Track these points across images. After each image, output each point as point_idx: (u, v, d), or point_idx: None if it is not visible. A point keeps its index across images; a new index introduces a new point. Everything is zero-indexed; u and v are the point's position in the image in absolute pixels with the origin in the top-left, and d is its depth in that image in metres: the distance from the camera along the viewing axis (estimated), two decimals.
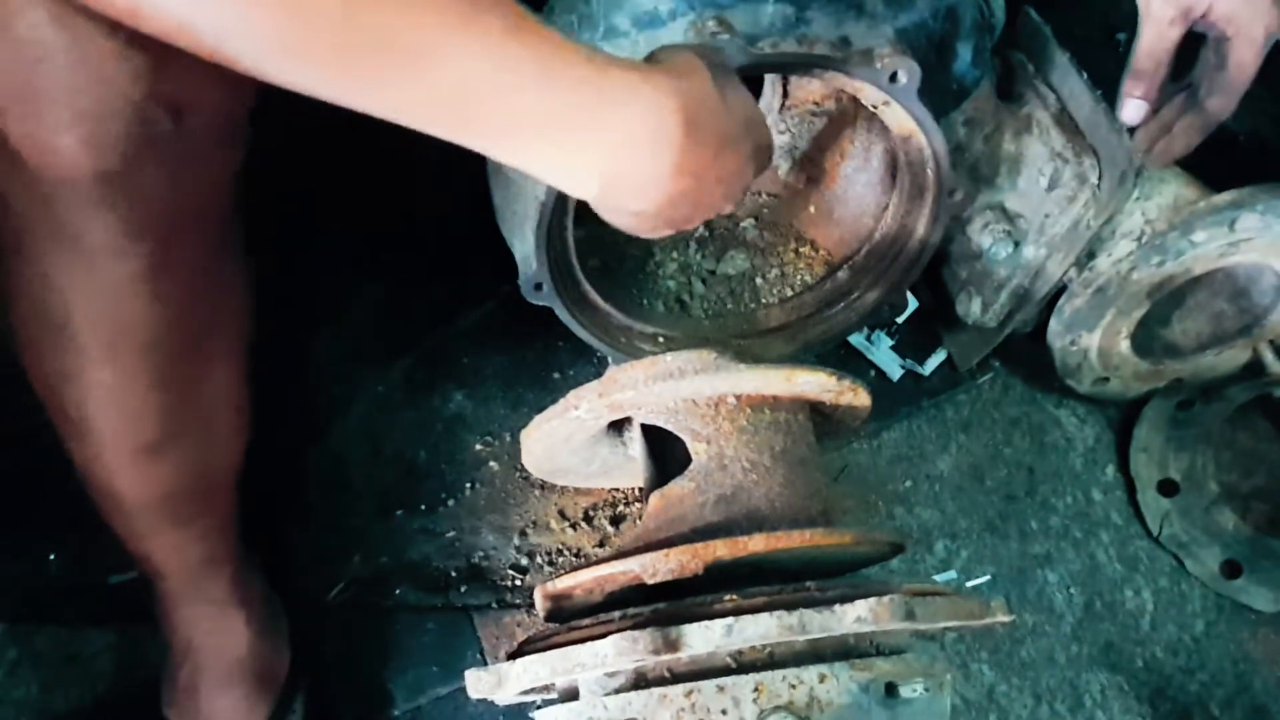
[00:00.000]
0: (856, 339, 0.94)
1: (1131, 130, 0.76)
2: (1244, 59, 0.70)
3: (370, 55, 0.42)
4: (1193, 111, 0.74)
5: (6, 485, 0.84)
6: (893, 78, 0.67)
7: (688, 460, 0.64)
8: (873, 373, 0.94)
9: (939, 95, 0.72)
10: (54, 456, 0.66)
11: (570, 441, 0.70)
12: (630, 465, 0.75)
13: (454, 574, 0.86)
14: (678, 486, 0.63)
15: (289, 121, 0.59)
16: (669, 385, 0.63)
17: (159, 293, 0.55)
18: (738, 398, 0.64)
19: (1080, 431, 0.94)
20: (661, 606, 0.55)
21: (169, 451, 0.63)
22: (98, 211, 0.49)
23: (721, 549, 0.57)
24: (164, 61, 0.46)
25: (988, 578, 0.88)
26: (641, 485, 0.79)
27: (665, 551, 0.58)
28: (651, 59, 0.54)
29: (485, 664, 0.84)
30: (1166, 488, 0.91)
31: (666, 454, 0.70)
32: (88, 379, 0.58)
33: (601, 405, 0.64)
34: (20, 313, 0.57)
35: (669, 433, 0.65)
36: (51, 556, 0.83)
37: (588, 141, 0.47)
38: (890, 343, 0.95)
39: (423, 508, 0.88)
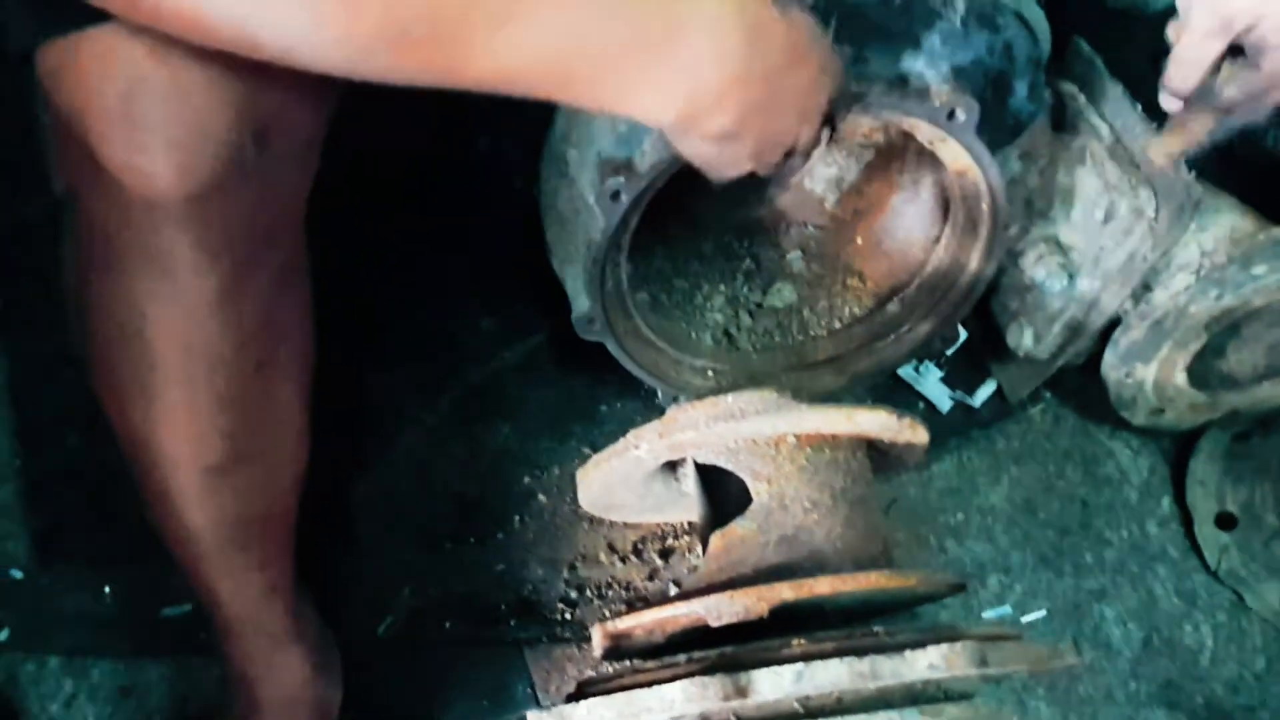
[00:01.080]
0: (905, 370, 0.94)
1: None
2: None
3: (448, 31, 0.44)
4: (1205, 99, 0.67)
5: (65, 521, 0.85)
6: (950, 115, 0.67)
7: (742, 497, 0.64)
8: (922, 404, 0.94)
9: (995, 130, 0.72)
10: (111, 492, 0.67)
11: (628, 480, 0.70)
12: (683, 500, 0.75)
13: (504, 607, 0.86)
14: (739, 527, 0.62)
15: (340, 151, 0.60)
16: (730, 426, 0.63)
17: (233, 311, 0.57)
18: (798, 437, 0.64)
19: (1134, 464, 0.93)
20: (728, 650, 0.55)
21: (233, 475, 0.64)
22: (182, 231, 0.52)
23: (787, 591, 0.57)
24: (251, 90, 0.48)
25: (1043, 613, 0.87)
26: (693, 520, 0.79)
27: (730, 594, 0.57)
28: None
29: (535, 697, 0.83)
30: (1224, 521, 0.90)
31: (720, 490, 0.69)
32: (159, 396, 0.59)
33: (662, 445, 0.64)
34: (97, 328, 0.59)
35: (722, 469, 0.65)
36: (107, 590, 0.84)
37: (658, 62, 0.48)
38: (939, 374, 0.95)
39: (472, 541, 0.88)
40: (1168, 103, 0.69)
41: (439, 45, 0.44)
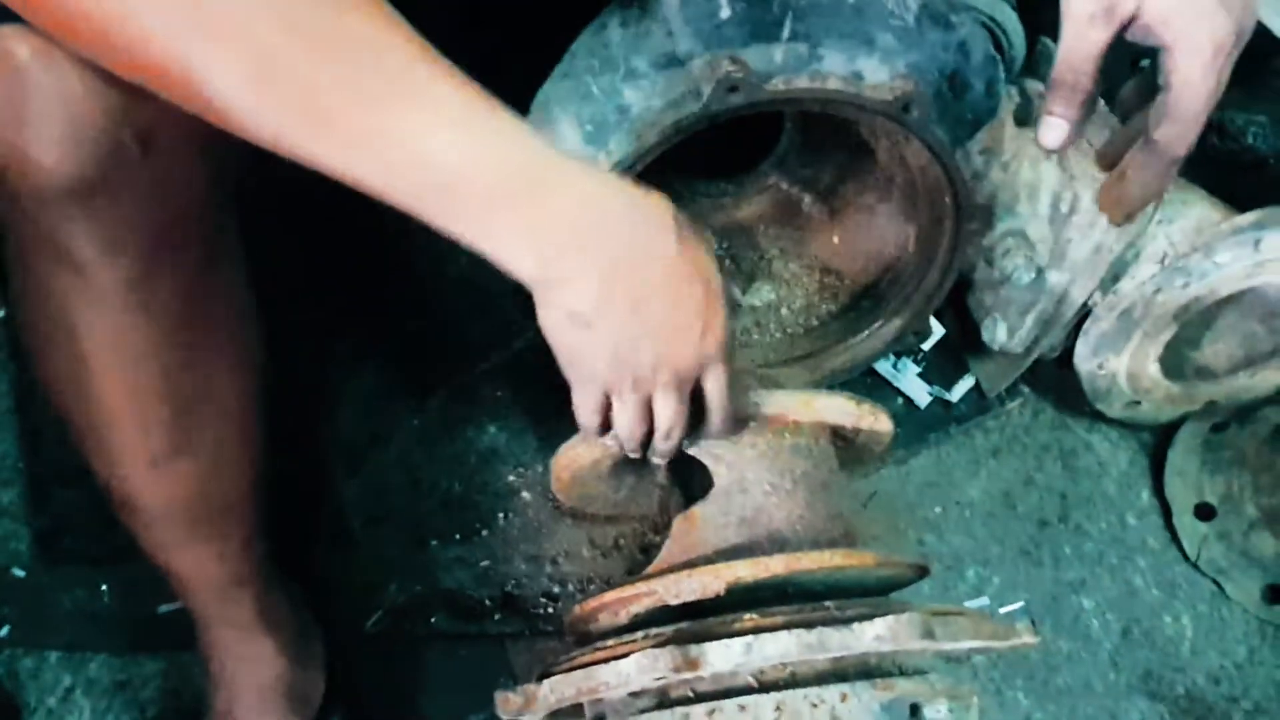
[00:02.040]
0: (883, 366, 0.95)
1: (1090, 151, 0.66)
2: (1190, 75, 0.56)
3: (320, 116, 0.44)
4: (1146, 149, 0.61)
5: (61, 520, 0.88)
6: (905, 109, 0.69)
7: (711, 485, 0.66)
8: (900, 400, 0.95)
9: (954, 125, 0.74)
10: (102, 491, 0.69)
11: (597, 468, 0.72)
12: (655, 491, 0.77)
13: (488, 602, 0.87)
14: (700, 509, 0.64)
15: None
16: None
17: (147, 305, 0.57)
18: (767, 421, 0.65)
19: (1113, 456, 0.94)
20: (683, 626, 0.56)
21: (179, 463, 0.65)
22: (79, 225, 0.53)
23: (743, 569, 0.58)
24: (134, 98, 0.49)
25: (1021, 604, 0.87)
26: (665, 512, 0.81)
27: (687, 572, 0.59)
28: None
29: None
30: (1203, 511, 0.90)
31: (692, 480, 0.71)
32: (96, 388, 0.61)
33: None
34: (28, 323, 0.61)
35: (693, 459, 0.67)
36: (103, 587, 0.86)
37: (518, 209, 0.47)
38: (917, 370, 0.96)
39: (457, 537, 0.90)
40: (1051, 130, 0.62)
41: (308, 115, 0.44)
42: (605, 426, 0.59)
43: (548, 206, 0.48)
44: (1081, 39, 0.58)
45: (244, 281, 0.65)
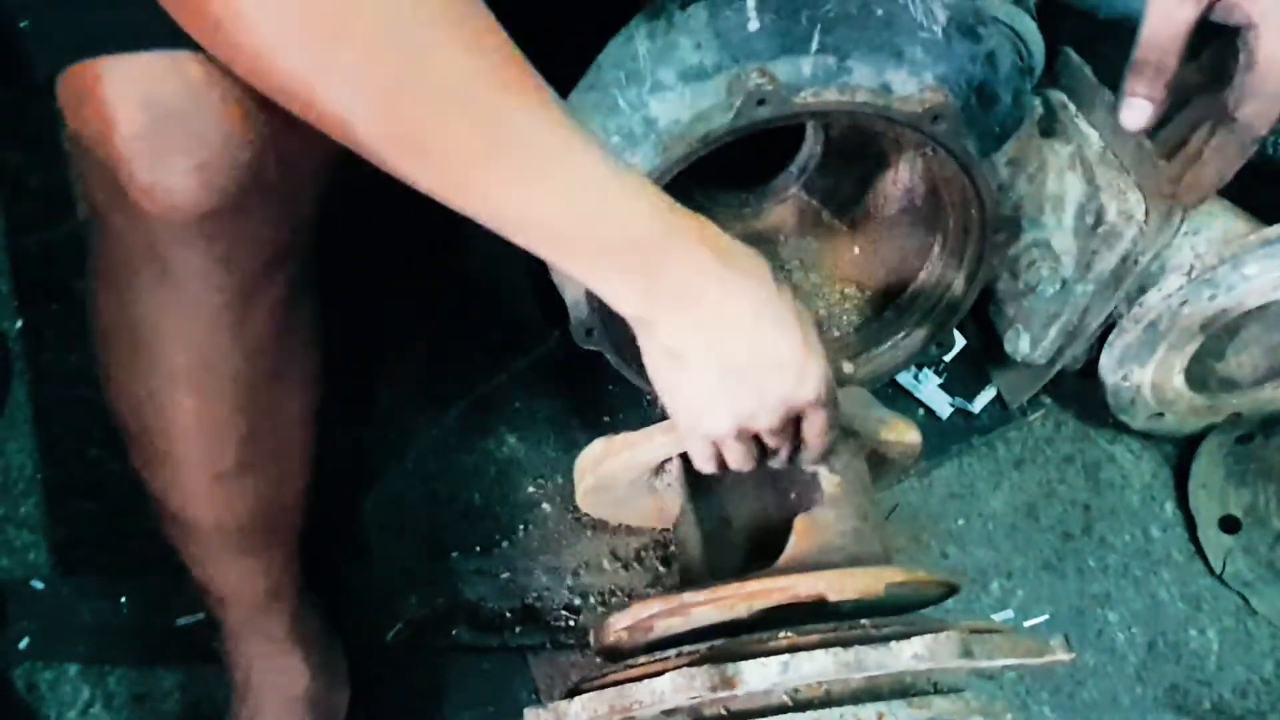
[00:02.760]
0: (904, 378, 0.95)
1: (1151, 136, 0.64)
2: (1275, 52, 0.56)
3: (464, 162, 0.47)
4: (1224, 129, 0.62)
5: (81, 533, 0.88)
6: (934, 121, 0.68)
7: (722, 500, 0.65)
8: (922, 411, 0.95)
9: (981, 137, 0.73)
10: (124, 504, 0.69)
11: (620, 475, 0.71)
12: (658, 508, 0.76)
13: (508, 614, 0.87)
14: (819, 515, 0.64)
15: (344, 172, 0.62)
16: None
17: (245, 324, 0.58)
18: (859, 438, 0.66)
19: (1136, 467, 0.93)
20: (718, 644, 0.56)
21: (244, 479, 0.65)
22: (196, 246, 0.54)
23: (897, 574, 0.59)
24: (271, 111, 0.50)
25: (1045, 617, 0.87)
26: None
27: (849, 570, 0.59)
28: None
29: (540, 703, 0.84)
30: (1228, 524, 0.89)
31: (709, 493, 0.71)
32: (172, 403, 0.61)
33: None
34: (110, 338, 0.61)
35: (697, 475, 0.67)
36: (123, 600, 0.86)
37: (630, 263, 0.51)
38: (938, 381, 0.95)
39: (478, 549, 0.89)
40: (1134, 112, 0.61)
41: (450, 172, 0.47)
42: (721, 465, 0.62)
43: (662, 268, 0.51)
44: (1168, 18, 0.58)
45: (318, 302, 0.66)
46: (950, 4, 0.70)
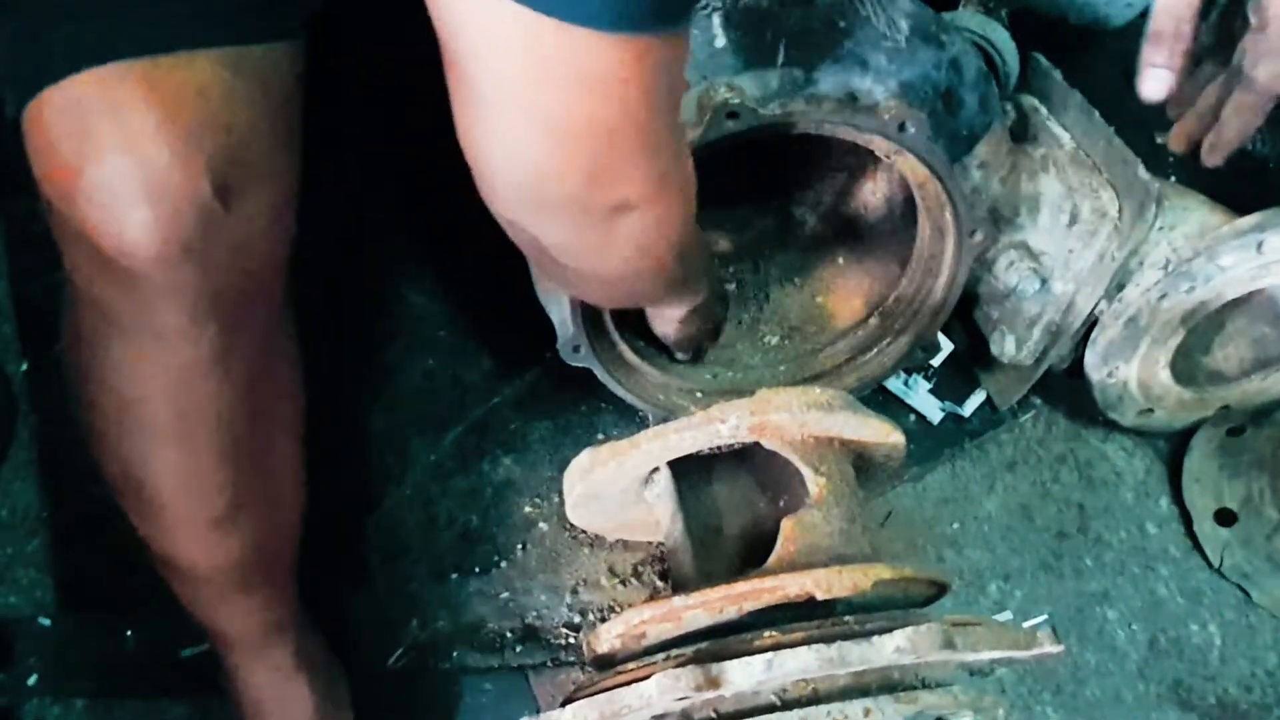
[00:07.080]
0: (894, 384, 0.95)
1: (1161, 112, 0.65)
2: None
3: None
4: (1241, 87, 0.62)
5: (86, 570, 0.89)
6: (901, 127, 0.70)
7: (712, 508, 0.66)
8: (913, 417, 0.95)
9: (950, 142, 0.75)
10: (127, 541, 0.70)
11: (608, 484, 0.72)
12: (647, 521, 0.77)
13: (509, 634, 0.87)
14: (807, 515, 0.65)
15: (331, 199, 0.64)
16: (819, 415, 0.66)
17: (225, 371, 0.59)
18: (844, 441, 0.67)
19: (1129, 465, 0.93)
20: (703, 646, 0.57)
21: (237, 523, 0.66)
22: (167, 298, 0.54)
23: (885, 571, 0.60)
24: (210, 149, 0.51)
25: (1044, 617, 0.86)
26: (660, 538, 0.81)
27: (838, 569, 0.59)
28: None
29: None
30: (1224, 517, 0.89)
31: (698, 503, 0.72)
32: (159, 458, 0.61)
33: (752, 423, 0.66)
34: (93, 400, 0.62)
35: (686, 484, 0.68)
36: (128, 633, 0.87)
37: (681, 301, 0.75)
38: (928, 386, 0.96)
39: (477, 570, 0.90)
40: (1154, 81, 0.62)
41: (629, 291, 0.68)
42: None
43: (683, 301, 0.75)
44: None
45: (298, 342, 0.67)
46: (911, 13, 0.72)
